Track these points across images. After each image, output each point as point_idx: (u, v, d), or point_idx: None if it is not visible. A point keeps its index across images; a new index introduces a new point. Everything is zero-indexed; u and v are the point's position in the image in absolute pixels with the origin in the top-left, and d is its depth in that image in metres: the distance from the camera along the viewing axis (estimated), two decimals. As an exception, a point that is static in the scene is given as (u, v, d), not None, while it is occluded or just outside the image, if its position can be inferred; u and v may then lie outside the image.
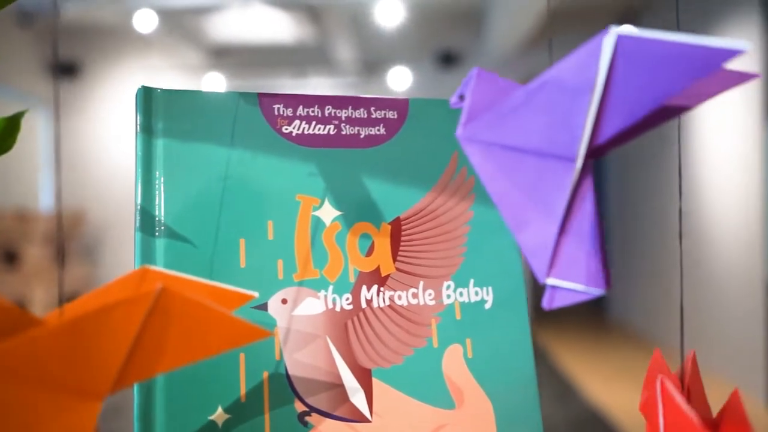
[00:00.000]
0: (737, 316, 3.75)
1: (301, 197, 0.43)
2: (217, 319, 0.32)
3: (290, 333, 0.41)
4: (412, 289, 0.44)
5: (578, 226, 0.30)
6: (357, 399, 0.41)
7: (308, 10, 4.18)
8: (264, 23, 4.46)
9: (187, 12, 4.10)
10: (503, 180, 0.33)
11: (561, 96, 0.29)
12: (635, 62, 0.25)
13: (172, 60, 5.02)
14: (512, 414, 0.44)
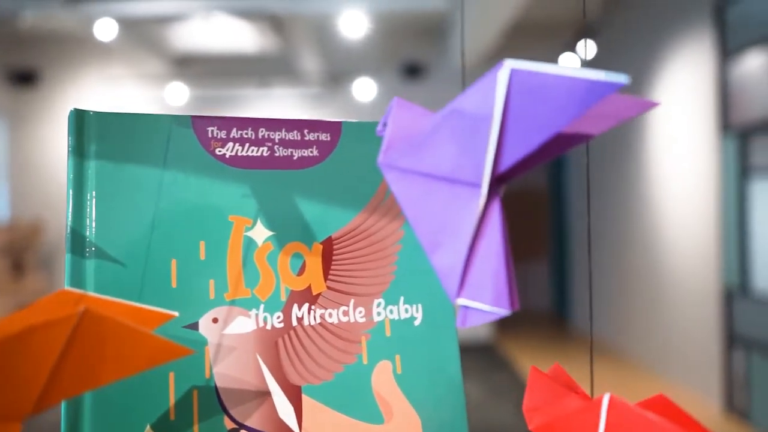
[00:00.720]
0: (694, 323, 3.84)
1: (233, 218, 0.44)
2: (139, 338, 0.33)
3: (221, 351, 0.42)
4: (342, 307, 0.45)
5: (486, 249, 0.32)
6: (286, 416, 0.42)
7: (272, 21, 4.18)
8: (227, 33, 4.45)
9: (149, 21, 4.07)
10: (418, 204, 0.35)
11: (465, 125, 0.30)
12: (528, 94, 0.27)
13: (133, 69, 4.97)
14: (440, 428, 0.45)
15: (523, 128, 0.29)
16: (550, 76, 0.27)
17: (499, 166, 0.30)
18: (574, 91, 0.26)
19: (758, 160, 3.18)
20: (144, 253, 0.41)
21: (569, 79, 0.26)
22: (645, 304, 4.51)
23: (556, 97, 0.27)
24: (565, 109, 0.27)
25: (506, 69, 0.28)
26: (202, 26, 4.28)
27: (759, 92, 3.12)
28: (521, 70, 0.27)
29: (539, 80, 0.27)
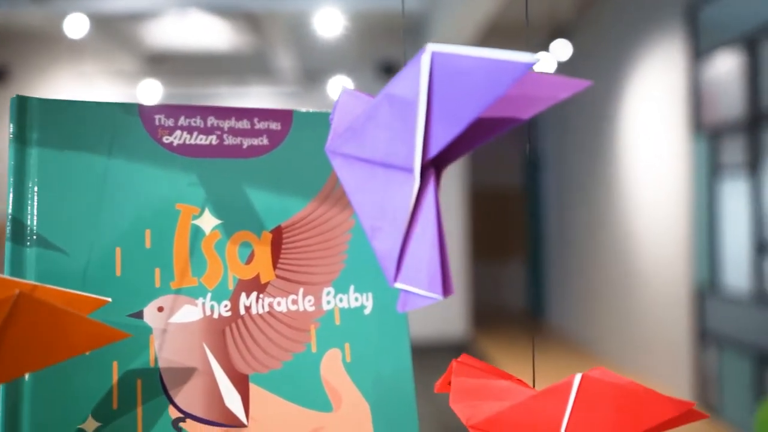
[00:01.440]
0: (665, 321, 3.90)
1: (180, 206, 0.44)
2: (75, 322, 0.32)
3: (166, 340, 0.42)
4: (291, 295, 0.45)
5: (421, 234, 0.32)
6: (233, 404, 0.42)
7: (247, 19, 4.16)
8: (202, 31, 4.41)
9: (121, 18, 4.02)
10: (360, 190, 0.35)
11: (396, 110, 0.30)
12: (450, 77, 0.27)
13: (105, 66, 4.91)
14: (389, 415, 0.45)
15: (448, 111, 0.29)
16: (469, 58, 0.27)
17: (429, 151, 0.30)
18: (491, 71, 0.27)
19: (728, 160, 3.23)
20: (88, 242, 0.41)
21: (485, 61, 0.27)
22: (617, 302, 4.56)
23: (476, 78, 0.27)
24: (485, 91, 0.27)
25: (428, 52, 0.28)
26: (176, 23, 4.24)
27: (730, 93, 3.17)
28: (442, 53, 0.28)
29: (459, 63, 0.27)
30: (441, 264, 0.31)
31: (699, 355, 3.48)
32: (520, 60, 0.25)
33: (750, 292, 3.04)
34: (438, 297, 0.31)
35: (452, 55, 0.27)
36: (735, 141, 3.15)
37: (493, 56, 0.26)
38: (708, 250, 3.40)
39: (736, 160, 3.15)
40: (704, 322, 3.41)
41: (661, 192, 3.86)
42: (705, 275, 3.41)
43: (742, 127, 3.05)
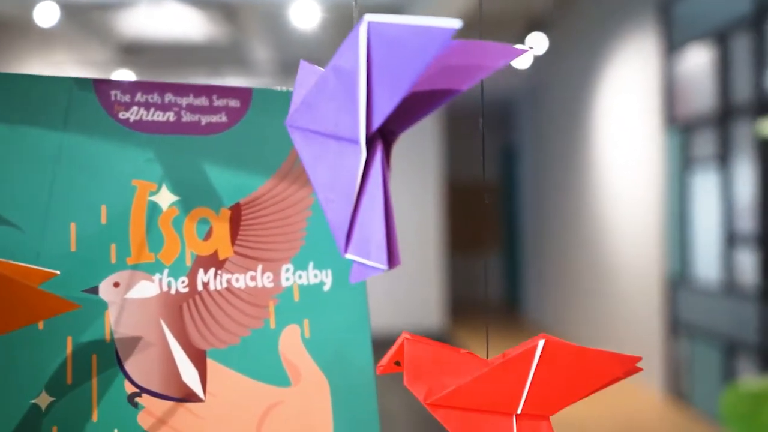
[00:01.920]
0: (637, 311, 3.95)
1: (137, 182, 0.43)
2: (25, 292, 0.32)
3: (122, 316, 0.42)
4: (250, 272, 0.45)
5: (369, 205, 0.32)
6: (190, 379, 0.42)
7: (223, 9, 4.12)
8: (177, 21, 4.36)
9: (94, 6, 3.96)
10: (315, 162, 0.35)
11: (341, 82, 0.31)
12: (385, 45, 0.27)
13: (77, 56, 4.84)
14: (348, 390, 0.46)
15: (387, 79, 0.29)
16: (401, 27, 0.28)
17: (373, 121, 0.30)
18: (420, 38, 0.27)
19: (700, 153, 3.28)
20: (41, 217, 0.41)
21: (414, 28, 0.27)
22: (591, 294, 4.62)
23: (408, 45, 0.28)
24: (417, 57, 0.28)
25: (365, 22, 0.28)
26: (150, 13, 4.19)
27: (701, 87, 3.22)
28: (378, 23, 0.28)
29: (393, 31, 0.28)
30: (386, 235, 0.32)
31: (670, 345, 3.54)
32: (444, 26, 0.26)
33: (720, 283, 3.10)
34: (383, 267, 0.31)
35: (387, 24, 0.27)
36: (706, 134, 3.20)
37: (421, 23, 0.26)
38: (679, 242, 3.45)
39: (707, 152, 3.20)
40: (676, 313, 3.47)
41: (635, 184, 3.91)
42: (677, 266, 3.47)
43: (713, 120, 3.10)
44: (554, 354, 0.35)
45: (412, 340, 0.35)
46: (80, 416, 0.40)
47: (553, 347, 0.35)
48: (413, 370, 0.34)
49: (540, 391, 0.35)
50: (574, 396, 0.36)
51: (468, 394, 0.34)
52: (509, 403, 0.35)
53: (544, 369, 0.35)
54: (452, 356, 0.35)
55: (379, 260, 0.31)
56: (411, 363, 0.34)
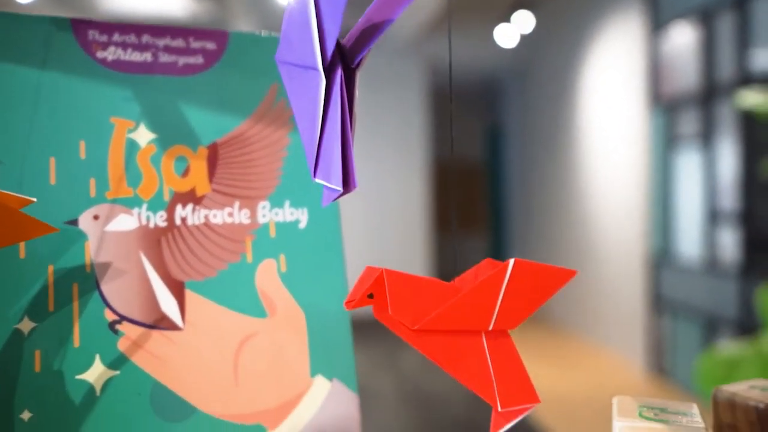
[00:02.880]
0: (621, 289, 4.00)
1: (115, 120, 0.45)
2: (5, 214, 0.33)
3: (102, 248, 0.43)
4: (227, 208, 0.47)
5: (331, 131, 0.34)
6: (169, 309, 0.44)
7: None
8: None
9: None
10: (294, 93, 0.37)
11: (300, 12, 0.32)
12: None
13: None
14: (324, 322, 0.47)
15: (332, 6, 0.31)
16: None
17: (326, 47, 0.32)
18: None
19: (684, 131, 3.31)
20: (21, 151, 0.42)
21: None
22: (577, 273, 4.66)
23: None
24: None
25: None
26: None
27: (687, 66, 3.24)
28: None
29: None
30: (342, 158, 0.33)
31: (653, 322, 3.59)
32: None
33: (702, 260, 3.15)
34: (339, 190, 0.33)
35: None
36: (690, 113, 3.22)
37: None
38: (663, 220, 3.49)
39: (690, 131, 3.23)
40: (658, 290, 3.52)
41: (619, 164, 3.94)
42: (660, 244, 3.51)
43: (697, 99, 3.13)
44: (519, 273, 0.37)
45: (392, 272, 0.36)
46: (62, 341, 0.41)
47: (519, 267, 0.37)
48: (398, 298, 0.36)
49: (507, 308, 0.37)
50: (530, 310, 0.39)
51: (448, 317, 0.36)
52: (482, 322, 0.37)
53: (511, 287, 0.37)
54: (426, 283, 0.37)
55: (335, 183, 0.32)
56: (394, 292, 0.35)
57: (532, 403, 0.38)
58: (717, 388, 0.43)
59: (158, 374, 0.43)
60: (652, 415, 0.38)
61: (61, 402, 0.40)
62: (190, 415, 0.43)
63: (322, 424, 0.46)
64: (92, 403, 0.41)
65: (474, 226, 7.11)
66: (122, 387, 0.42)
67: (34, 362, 0.40)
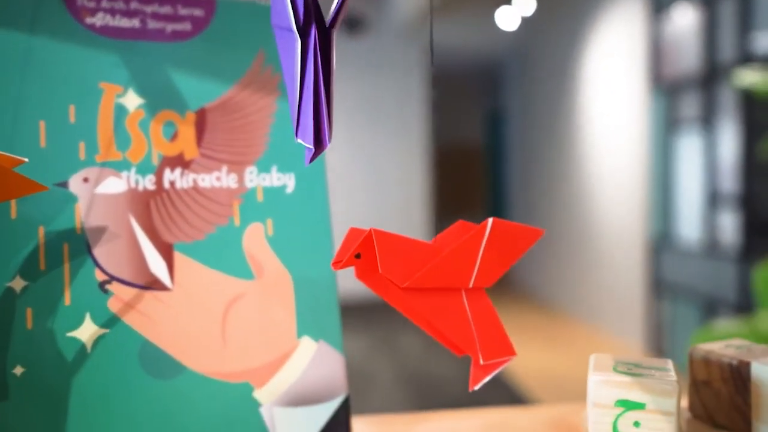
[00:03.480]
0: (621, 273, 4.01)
1: (104, 85, 0.45)
2: None
3: (92, 210, 0.44)
4: (215, 172, 0.47)
5: (307, 91, 0.35)
6: (158, 270, 0.45)
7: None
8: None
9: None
10: (282, 55, 0.37)
11: None
12: None
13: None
14: (310, 284, 0.48)
15: None
16: None
17: (297, 6, 0.32)
18: None
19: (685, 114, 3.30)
20: (11, 114, 0.43)
21: None
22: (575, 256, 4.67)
23: None
24: None
25: None
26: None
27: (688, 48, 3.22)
28: None
29: None
30: (314, 116, 0.34)
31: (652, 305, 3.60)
32: None
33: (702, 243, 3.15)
34: (311, 147, 0.34)
35: None
36: (691, 96, 3.21)
37: None
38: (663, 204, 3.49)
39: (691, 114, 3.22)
40: (658, 273, 3.53)
41: (620, 147, 3.94)
42: (660, 228, 3.51)
43: (697, 82, 3.12)
44: (497, 232, 0.38)
45: (380, 231, 0.37)
46: (53, 299, 0.42)
47: (497, 226, 0.38)
48: (387, 257, 0.36)
49: (485, 265, 0.38)
50: (504, 268, 0.40)
51: (433, 275, 0.37)
52: (463, 279, 0.38)
53: (489, 246, 0.38)
54: (412, 243, 0.38)
55: (308, 141, 0.33)
56: (383, 251, 0.36)
57: (510, 356, 0.39)
58: (693, 347, 0.44)
59: (147, 333, 0.44)
60: (626, 369, 0.39)
61: (52, 358, 0.42)
62: (179, 373, 0.44)
63: (308, 383, 0.47)
64: (83, 360, 0.42)
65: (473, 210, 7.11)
66: (112, 345, 0.43)
67: (26, 319, 0.41)
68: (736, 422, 0.42)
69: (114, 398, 0.43)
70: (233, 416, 0.45)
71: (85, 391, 0.42)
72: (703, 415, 0.44)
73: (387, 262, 0.36)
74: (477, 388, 0.39)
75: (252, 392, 0.46)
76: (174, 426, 0.44)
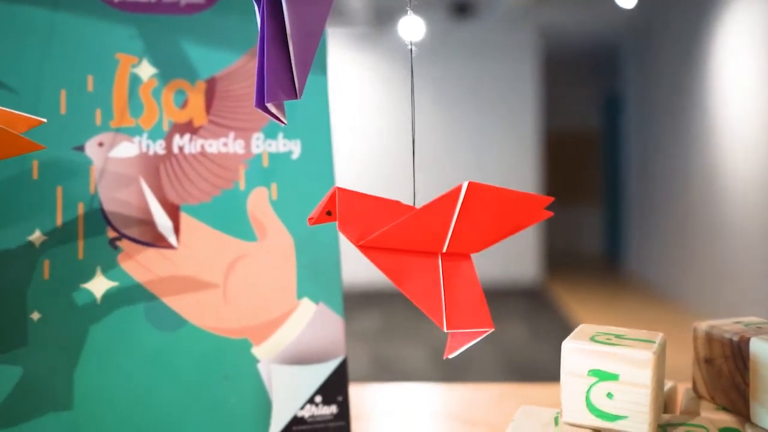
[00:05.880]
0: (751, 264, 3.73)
1: (120, 56, 0.49)
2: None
3: (106, 172, 0.47)
4: (222, 138, 0.50)
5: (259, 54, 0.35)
6: (165, 229, 0.48)
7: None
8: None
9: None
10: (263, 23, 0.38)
11: None
12: None
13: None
14: (312, 247, 0.50)
15: None
16: None
17: None
18: None
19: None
20: (36, 84, 0.47)
21: None
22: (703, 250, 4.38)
23: None
24: None
25: None
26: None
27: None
28: None
29: None
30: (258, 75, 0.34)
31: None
32: None
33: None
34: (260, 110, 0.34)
35: None
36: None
37: None
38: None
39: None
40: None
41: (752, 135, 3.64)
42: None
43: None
44: (478, 196, 0.37)
45: (344, 189, 0.37)
46: (68, 254, 0.46)
47: (476, 190, 0.37)
48: (346, 214, 0.37)
49: (464, 231, 0.37)
50: (496, 236, 0.38)
51: (397, 235, 0.37)
52: (435, 243, 0.38)
53: (468, 210, 0.37)
54: (382, 202, 0.38)
55: (258, 101, 0.33)
56: (343, 208, 0.37)
57: (484, 328, 0.38)
58: (696, 323, 0.41)
59: (153, 287, 0.47)
60: (605, 339, 0.37)
61: (66, 306, 0.45)
62: (181, 327, 0.47)
63: (306, 342, 0.49)
64: (93, 309, 0.46)
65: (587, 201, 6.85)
66: (120, 297, 0.46)
67: (43, 270, 0.45)
68: (735, 402, 0.38)
69: (120, 346, 0.46)
70: (231, 370, 0.47)
71: (95, 337, 0.46)
72: (706, 395, 0.41)
73: (344, 220, 0.36)
74: (451, 357, 0.38)
75: (250, 348, 0.48)
76: (174, 375, 0.47)
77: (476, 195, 0.37)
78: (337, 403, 0.49)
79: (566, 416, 0.37)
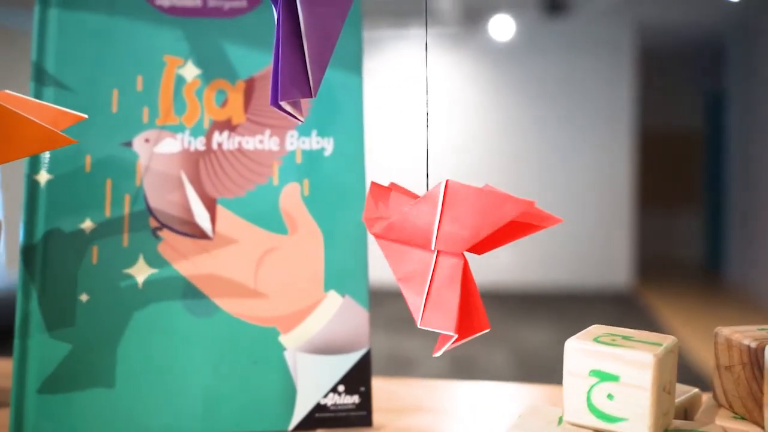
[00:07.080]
0: None
1: (167, 58, 0.52)
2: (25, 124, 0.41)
3: (151, 166, 0.51)
4: (259, 135, 0.52)
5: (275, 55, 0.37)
6: (202, 220, 0.51)
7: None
8: (364, -25, 4.53)
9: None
10: None
11: None
12: None
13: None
14: (341, 242, 0.51)
15: None
16: None
17: None
18: None
19: None
20: (90, 83, 0.51)
21: None
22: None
23: None
24: None
25: None
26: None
27: None
28: None
29: None
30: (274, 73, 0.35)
31: None
32: None
33: None
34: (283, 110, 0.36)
35: None
36: None
37: None
38: None
39: None
40: None
41: None
42: None
43: None
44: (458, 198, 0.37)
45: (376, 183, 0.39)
46: (114, 241, 0.50)
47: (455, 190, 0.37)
48: (371, 206, 0.38)
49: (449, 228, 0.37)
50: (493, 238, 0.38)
51: (397, 229, 0.38)
52: (424, 240, 0.38)
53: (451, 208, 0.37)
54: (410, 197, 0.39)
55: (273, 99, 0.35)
56: (370, 201, 0.38)
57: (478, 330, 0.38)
58: (718, 329, 0.40)
59: (189, 275, 0.50)
60: (609, 340, 0.37)
61: (111, 289, 0.49)
62: (214, 313, 0.50)
63: (332, 332, 0.50)
64: (135, 293, 0.49)
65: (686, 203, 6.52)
66: (159, 283, 0.50)
67: (92, 255, 0.49)
68: (752, 411, 0.37)
69: (158, 328, 0.49)
70: (259, 356, 0.50)
71: (136, 319, 0.49)
72: (725, 403, 0.39)
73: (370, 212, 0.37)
74: (439, 354, 0.38)
75: (278, 337, 0.50)
76: (206, 358, 0.49)
77: (457, 196, 0.37)
78: (359, 393, 0.50)
79: (568, 416, 0.37)
